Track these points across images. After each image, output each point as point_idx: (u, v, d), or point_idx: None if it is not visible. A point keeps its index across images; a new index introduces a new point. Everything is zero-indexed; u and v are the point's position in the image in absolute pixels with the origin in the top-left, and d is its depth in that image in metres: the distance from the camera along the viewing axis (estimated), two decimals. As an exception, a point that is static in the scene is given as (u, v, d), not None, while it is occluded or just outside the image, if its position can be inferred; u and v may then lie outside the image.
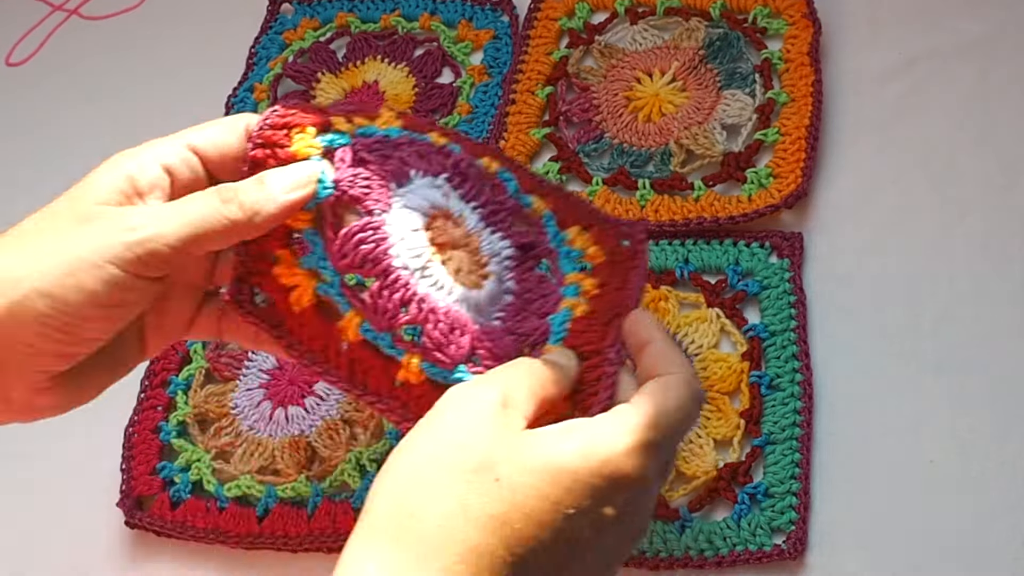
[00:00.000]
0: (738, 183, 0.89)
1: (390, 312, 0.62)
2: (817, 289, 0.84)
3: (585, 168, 0.93)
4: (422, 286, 0.63)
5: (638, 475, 0.55)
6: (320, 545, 0.80)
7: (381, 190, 0.64)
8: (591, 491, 0.54)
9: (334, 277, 0.63)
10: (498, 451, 0.54)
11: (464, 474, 0.54)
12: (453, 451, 0.55)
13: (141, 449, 0.86)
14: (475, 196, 0.68)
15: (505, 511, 0.53)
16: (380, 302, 0.63)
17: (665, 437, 0.57)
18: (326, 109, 0.67)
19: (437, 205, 0.66)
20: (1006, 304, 0.81)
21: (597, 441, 0.55)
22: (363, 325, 0.63)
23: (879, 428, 0.78)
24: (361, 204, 0.63)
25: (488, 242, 0.67)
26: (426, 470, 0.54)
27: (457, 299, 0.64)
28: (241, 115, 0.65)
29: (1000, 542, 0.73)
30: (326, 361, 0.63)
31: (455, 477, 0.54)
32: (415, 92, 1.02)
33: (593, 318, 0.64)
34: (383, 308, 0.63)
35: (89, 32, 1.16)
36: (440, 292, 0.64)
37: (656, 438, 0.56)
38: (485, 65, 1.02)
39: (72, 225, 0.59)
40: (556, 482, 0.54)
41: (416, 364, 0.62)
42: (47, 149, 1.09)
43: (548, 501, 0.53)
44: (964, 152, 0.88)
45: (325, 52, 1.06)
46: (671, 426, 0.57)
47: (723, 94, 0.93)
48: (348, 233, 0.62)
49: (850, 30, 0.96)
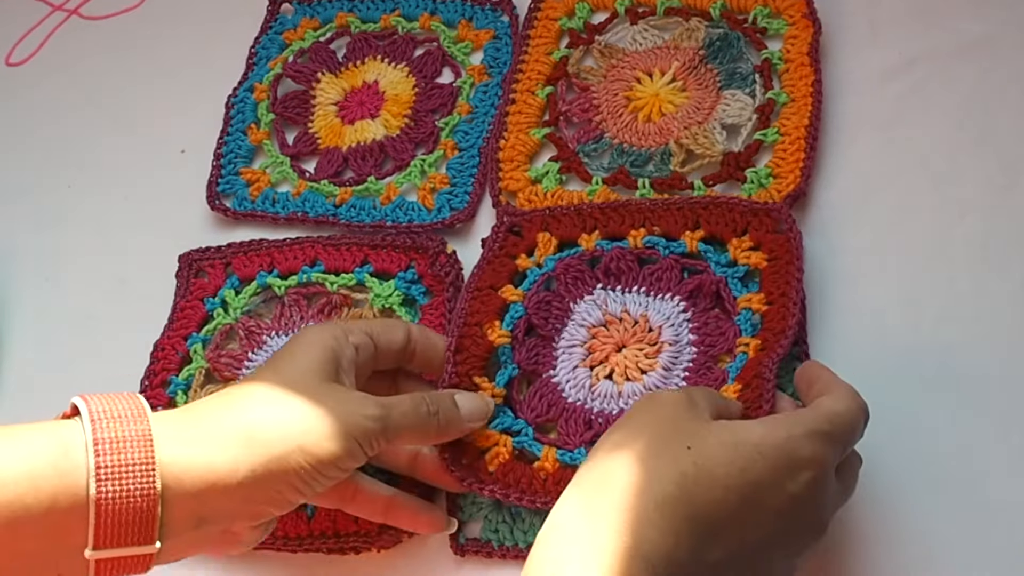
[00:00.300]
0: (738, 183, 0.89)
1: (575, 435, 0.78)
2: (817, 289, 0.84)
3: (585, 168, 0.93)
4: (596, 405, 0.79)
5: (817, 458, 0.63)
6: (320, 545, 0.80)
7: (546, 351, 0.82)
8: (773, 464, 0.62)
9: (527, 428, 0.79)
10: (689, 426, 0.64)
11: (658, 441, 0.63)
12: (648, 427, 0.64)
13: (141, 449, 0.86)
14: (630, 283, 0.83)
15: (695, 473, 0.61)
16: (563, 433, 0.78)
17: (840, 433, 0.65)
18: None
19: (596, 323, 0.82)
20: (1006, 304, 0.81)
21: (779, 424, 0.64)
22: (558, 453, 0.77)
23: (879, 429, 0.78)
24: (534, 374, 0.82)
25: (657, 312, 0.82)
26: (625, 441, 0.63)
27: (628, 396, 0.79)
28: (403, 321, 0.83)
29: (1000, 542, 0.73)
30: (533, 493, 0.76)
31: (650, 445, 0.63)
32: (415, 92, 1.02)
33: (763, 354, 0.76)
34: (568, 434, 0.78)
35: (89, 32, 1.16)
36: (611, 401, 0.79)
37: (831, 430, 0.64)
38: (485, 65, 1.02)
39: (319, 397, 0.69)
40: (740, 452, 0.62)
41: None
42: (47, 149, 1.09)
43: (734, 467, 0.61)
44: (964, 152, 0.88)
45: (325, 52, 1.06)
46: (844, 425, 0.65)
47: (723, 94, 0.93)
48: (529, 395, 0.81)
49: (850, 30, 0.96)
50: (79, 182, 1.05)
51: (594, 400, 0.80)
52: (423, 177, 0.96)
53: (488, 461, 0.78)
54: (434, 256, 0.89)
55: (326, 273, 0.92)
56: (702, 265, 0.83)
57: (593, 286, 0.84)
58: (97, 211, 1.03)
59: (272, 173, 1.00)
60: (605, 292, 0.84)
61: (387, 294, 0.89)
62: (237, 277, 0.94)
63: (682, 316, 0.82)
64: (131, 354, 0.92)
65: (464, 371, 0.81)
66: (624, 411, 0.77)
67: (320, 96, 1.04)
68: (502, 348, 0.82)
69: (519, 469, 0.77)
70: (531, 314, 0.83)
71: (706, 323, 0.81)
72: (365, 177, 0.97)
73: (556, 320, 0.83)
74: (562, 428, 0.79)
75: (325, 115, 1.02)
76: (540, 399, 0.80)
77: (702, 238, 0.84)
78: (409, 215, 0.94)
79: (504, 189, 0.93)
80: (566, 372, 0.81)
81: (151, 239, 1.00)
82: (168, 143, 1.05)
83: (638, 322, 0.82)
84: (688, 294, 0.82)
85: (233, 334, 0.92)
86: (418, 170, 0.96)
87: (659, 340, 0.81)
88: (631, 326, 0.82)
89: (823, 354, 0.81)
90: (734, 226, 0.83)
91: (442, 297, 0.88)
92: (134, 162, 1.05)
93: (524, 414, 0.80)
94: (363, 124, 1.01)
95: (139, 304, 0.96)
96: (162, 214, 1.01)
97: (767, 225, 0.83)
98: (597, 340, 0.82)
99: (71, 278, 1.00)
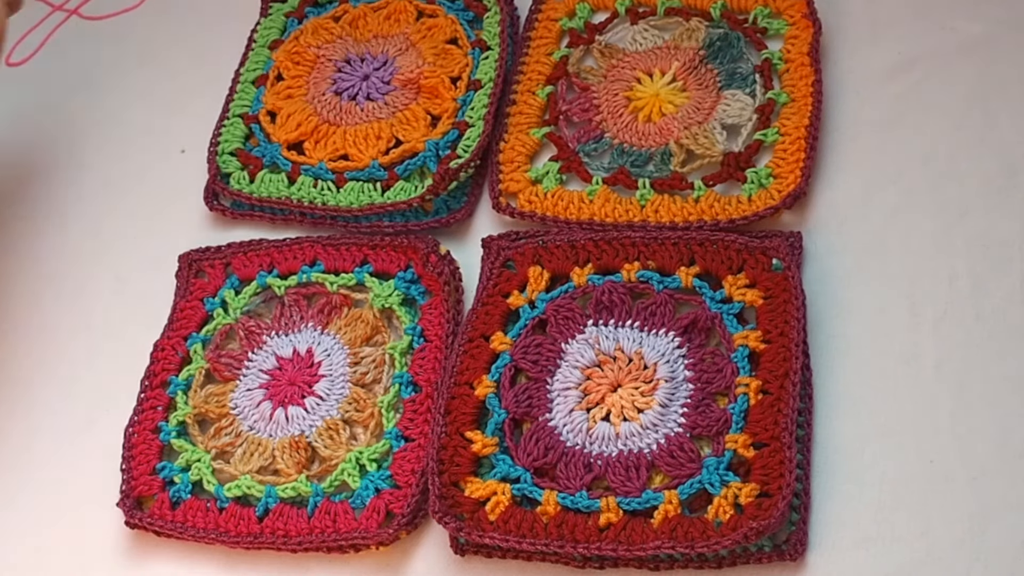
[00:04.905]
0: (738, 183, 0.89)
1: (575, 478, 0.77)
2: (817, 289, 0.84)
3: (585, 168, 0.93)
4: (595, 448, 0.78)
5: None
6: (320, 545, 0.80)
7: (540, 394, 0.81)
8: None
9: (524, 473, 0.78)
10: None
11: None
12: None
13: (141, 449, 0.86)
14: (623, 317, 0.83)
15: None
16: (563, 477, 0.78)
17: None
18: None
19: (589, 364, 0.82)
20: (1006, 304, 0.81)
21: None
22: (559, 496, 0.77)
23: (879, 428, 0.78)
24: (528, 417, 0.81)
25: (651, 348, 0.81)
26: None
27: (626, 436, 0.78)
28: None
29: (1000, 542, 0.73)
30: (534, 537, 0.76)
31: None
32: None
33: (766, 402, 0.76)
34: (568, 478, 0.78)
35: (89, 32, 1.16)
36: (609, 443, 0.78)
37: None
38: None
39: None
40: None
41: (613, 503, 0.75)
42: (47, 149, 1.09)
43: None
44: (964, 152, 0.88)
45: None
46: None
47: (723, 94, 0.93)
48: (524, 440, 0.80)
49: (850, 30, 0.96)
50: (79, 182, 1.05)
51: (592, 444, 0.79)
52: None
53: (488, 511, 0.78)
54: (425, 257, 0.89)
55: (326, 273, 0.92)
56: (697, 300, 0.83)
57: (584, 323, 0.84)
58: (97, 211, 1.03)
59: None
60: (597, 329, 0.83)
61: (387, 294, 0.89)
62: (237, 277, 0.94)
63: (677, 352, 0.81)
64: (131, 354, 0.92)
65: (454, 430, 0.81)
66: (622, 453, 0.78)
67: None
68: (489, 398, 0.82)
69: (519, 515, 0.77)
70: (517, 360, 0.83)
71: (702, 359, 0.81)
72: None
73: (548, 362, 0.83)
74: (562, 472, 0.78)
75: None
76: (537, 443, 0.79)
77: (697, 274, 0.84)
78: (407, 215, 0.94)
79: (504, 191, 0.93)
80: (562, 416, 0.80)
81: (151, 239, 1.00)
82: (168, 143, 1.05)
83: (632, 360, 0.81)
84: (683, 330, 0.82)
85: (233, 334, 0.92)
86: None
87: (654, 377, 0.80)
88: (625, 364, 0.81)
89: (823, 354, 0.81)
90: (729, 263, 0.83)
91: (441, 297, 0.88)
92: (134, 162, 1.05)
93: (521, 460, 0.79)
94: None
95: (139, 304, 0.96)
96: (162, 214, 1.01)
97: (762, 263, 0.83)
98: (592, 381, 0.81)
99: (71, 278, 1.00)
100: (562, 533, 0.75)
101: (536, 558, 0.77)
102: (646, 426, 0.79)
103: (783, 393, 0.76)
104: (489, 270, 0.88)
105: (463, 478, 0.79)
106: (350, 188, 0.95)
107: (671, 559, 0.75)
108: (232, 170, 0.98)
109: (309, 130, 0.99)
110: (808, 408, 0.79)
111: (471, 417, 0.81)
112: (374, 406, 0.85)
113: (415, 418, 0.84)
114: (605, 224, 0.89)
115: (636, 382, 0.81)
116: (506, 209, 0.92)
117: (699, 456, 0.77)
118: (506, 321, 0.86)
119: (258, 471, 0.84)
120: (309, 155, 0.98)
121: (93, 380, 0.93)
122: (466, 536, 0.77)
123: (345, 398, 0.86)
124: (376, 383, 0.87)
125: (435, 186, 0.92)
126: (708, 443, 0.78)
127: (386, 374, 0.87)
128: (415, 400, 0.84)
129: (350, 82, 1.01)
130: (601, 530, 0.75)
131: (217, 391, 0.88)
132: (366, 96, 1.00)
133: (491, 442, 0.80)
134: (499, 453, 0.80)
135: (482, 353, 0.84)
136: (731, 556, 0.75)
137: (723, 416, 0.77)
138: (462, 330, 0.85)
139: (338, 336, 0.89)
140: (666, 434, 0.78)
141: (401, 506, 0.80)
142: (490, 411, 0.82)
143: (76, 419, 0.91)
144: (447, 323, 0.87)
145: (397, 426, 0.84)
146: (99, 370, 0.93)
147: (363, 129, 0.98)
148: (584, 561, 0.76)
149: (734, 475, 0.75)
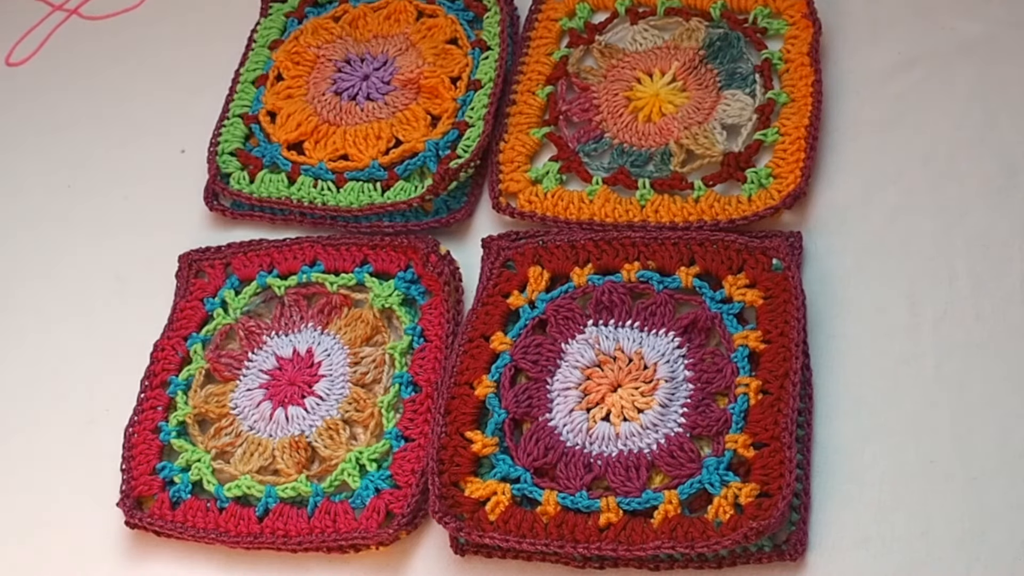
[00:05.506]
0: (738, 183, 0.89)
1: (575, 478, 0.77)
2: (817, 289, 0.84)
3: (585, 168, 0.93)
4: (594, 448, 0.78)
5: None
6: (320, 545, 0.80)
7: (540, 395, 0.81)
8: None
9: (524, 473, 0.78)
10: None
11: None
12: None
13: (141, 449, 0.86)
14: (623, 317, 0.83)
15: None
16: (563, 477, 0.78)
17: None
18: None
19: (589, 364, 0.82)
20: (1006, 304, 0.81)
21: None
22: (559, 496, 0.77)
23: (879, 428, 0.78)
24: (528, 417, 0.81)
25: (651, 348, 0.82)
26: None
27: (626, 436, 0.78)
28: None
29: (1000, 542, 0.73)
30: (535, 537, 0.76)
31: None
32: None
33: (766, 402, 0.76)
34: (568, 478, 0.78)
35: (89, 32, 1.16)
36: (609, 443, 0.78)
37: None
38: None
39: None
40: None
41: (613, 503, 0.75)
42: (47, 149, 1.09)
43: None
44: (964, 152, 0.88)
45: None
46: None
47: (723, 94, 0.93)
48: (524, 440, 0.80)
49: (850, 30, 0.96)
50: (79, 182, 1.05)
51: (592, 444, 0.79)
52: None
53: (488, 511, 0.78)
54: (425, 257, 0.89)
55: (326, 273, 0.92)
56: (697, 300, 0.83)
57: (585, 323, 0.84)
58: (97, 211, 1.03)
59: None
60: (597, 329, 0.83)
61: (387, 294, 0.89)
62: (237, 277, 0.94)
63: (677, 352, 0.81)
64: (131, 354, 0.92)
65: (454, 430, 0.81)
66: (622, 453, 0.78)
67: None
68: (489, 398, 0.82)
69: (519, 515, 0.77)
70: (517, 360, 0.83)
71: (702, 359, 0.81)
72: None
73: (548, 362, 0.83)
74: (562, 472, 0.79)
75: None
76: (537, 443, 0.80)
77: (697, 274, 0.84)
78: (407, 215, 0.94)
79: (504, 191, 0.93)
80: (562, 416, 0.81)
81: (151, 239, 1.00)
82: (168, 143, 1.05)
83: (632, 360, 0.82)
84: (683, 330, 0.82)
85: (233, 334, 0.92)
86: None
87: (654, 377, 0.81)
88: (625, 364, 0.82)
89: (823, 354, 0.81)
90: (729, 263, 0.84)
91: (441, 297, 0.88)
92: (134, 162, 1.05)
93: (521, 460, 0.79)
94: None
95: (139, 304, 0.96)
96: (162, 214, 1.01)
97: (762, 263, 0.83)
98: (592, 381, 0.82)
99: (71, 277, 1.00)
100: (562, 533, 0.75)
101: (536, 558, 0.77)
102: (646, 426, 0.79)
103: (783, 393, 0.76)
104: (489, 270, 0.88)
105: (463, 478, 0.79)
106: (350, 188, 0.95)
107: (671, 559, 0.76)
108: (232, 170, 0.98)
109: (309, 130, 0.99)
110: (808, 408, 0.79)
111: (471, 417, 0.81)
112: (374, 406, 0.85)
113: (415, 418, 0.84)
114: (605, 224, 0.89)
115: (636, 382, 0.81)
116: (506, 209, 0.92)
117: (699, 456, 0.77)
118: (506, 321, 0.85)
119: (258, 471, 0.84)
120: (309, 155, 0.98)
121: (93, 380, 0.93)
122: (466, 536, 0.77)
123: (345, 398, 0.86)
124: (376, 383, 0.87)
125: (435, 186, 0.92)
126: (708, 443, 0.78)
127: (386, 374, 0.87)
128: (415, 400, 0.84)
129: (350, 82, 1.01)
130: (601, 530, 0.75)
131: (217, 391, 0.88)
132: (366, 96, 1.00)
133: (491, 442, 0.80)
134: (499, 453, 0.80)
135: (482, 353, 0.84)
136: (731, 556, 0.75)
137: (723, 416, 0.77)
138: (462, 330, 0.85)
139: (338, 336, 0.89)
140: (666, 434, 0.78)
141: (401, 506, 0.80)
142: (490, 411, 0.82)
143: (76, 419, 0.91)
144: (447, 323, 0.87)
145: (397, 426, 0.84)
146: (99, 370, 0.93)
147: (363, 129, 0.98)
148: (584, 561, 0.76)
149: (734, 475, 0.75)
